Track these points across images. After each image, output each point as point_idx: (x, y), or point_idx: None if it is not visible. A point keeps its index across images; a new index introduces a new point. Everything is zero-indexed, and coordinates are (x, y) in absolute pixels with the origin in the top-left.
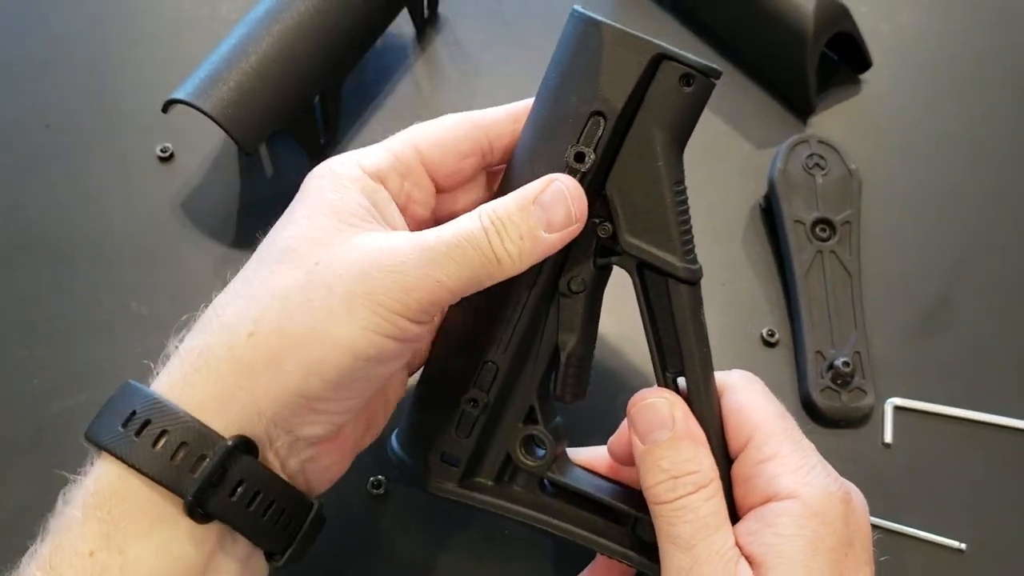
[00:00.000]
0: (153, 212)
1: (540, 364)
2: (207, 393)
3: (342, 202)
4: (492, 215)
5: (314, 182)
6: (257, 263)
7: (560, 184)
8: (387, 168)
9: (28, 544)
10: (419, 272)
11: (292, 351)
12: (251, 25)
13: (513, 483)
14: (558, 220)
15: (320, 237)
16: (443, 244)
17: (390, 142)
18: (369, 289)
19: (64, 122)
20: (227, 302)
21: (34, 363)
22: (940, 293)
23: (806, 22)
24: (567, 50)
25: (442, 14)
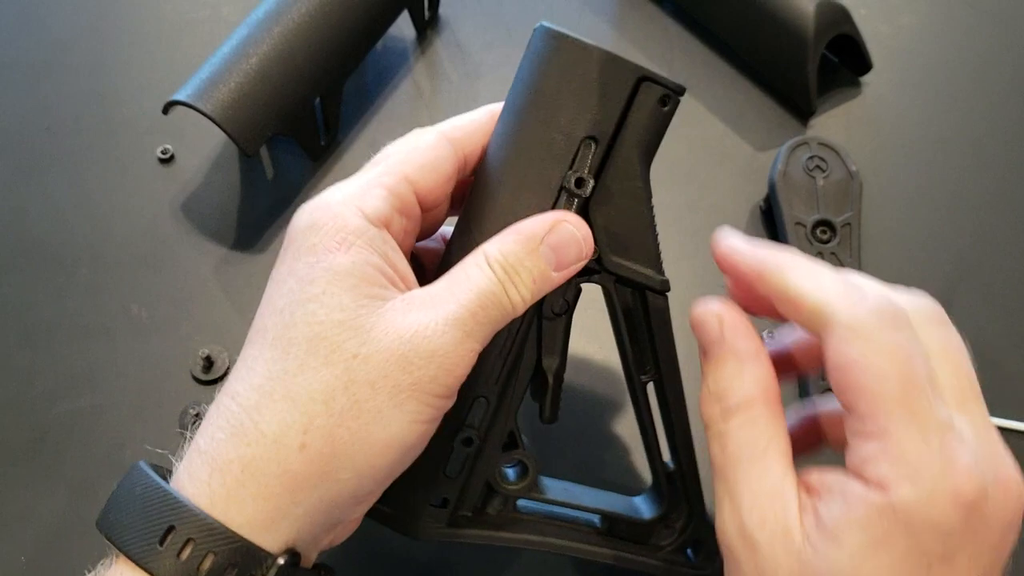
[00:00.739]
0: (153, 214)
1: (519, 391)
2: (257, 510)
3: (358, 269)
4: (504, 263)
5: (311, 233)
6: (277, 349)
7: (570, 226)
8: (389, 211)
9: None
10: (458, 350)
11: (345, 460)
12: (252, 27)
13: (487, 507)
14: (568, 260)
15: (346, 320)
16: (469, 313)
17: (380, 176)
18: (414, 380)
19: (64, 124)
20: (257, 401)
21: (34, 367)
22: (940, 295)
23: (807, 24)
24: (546, 69)
25: (443, 16)
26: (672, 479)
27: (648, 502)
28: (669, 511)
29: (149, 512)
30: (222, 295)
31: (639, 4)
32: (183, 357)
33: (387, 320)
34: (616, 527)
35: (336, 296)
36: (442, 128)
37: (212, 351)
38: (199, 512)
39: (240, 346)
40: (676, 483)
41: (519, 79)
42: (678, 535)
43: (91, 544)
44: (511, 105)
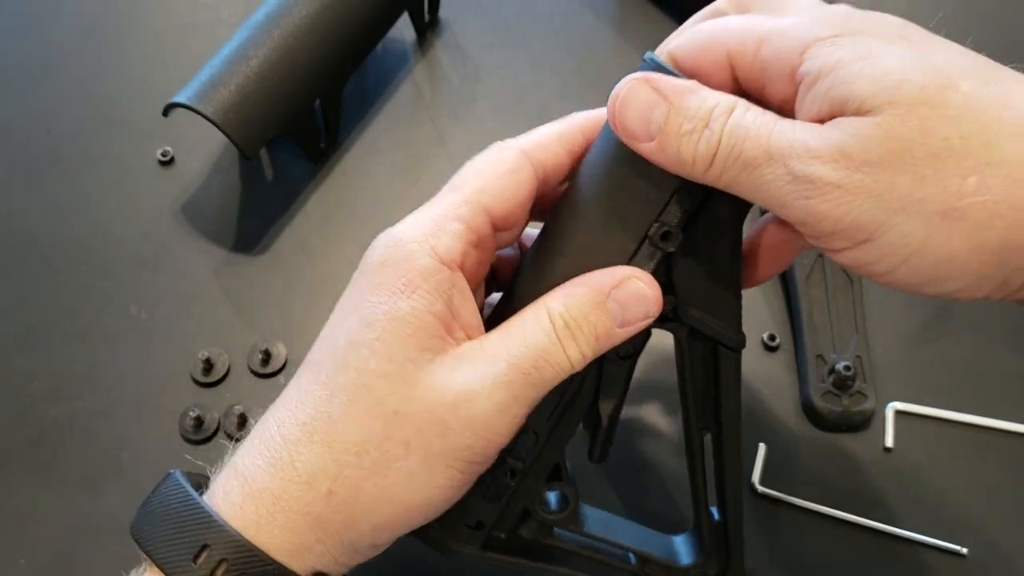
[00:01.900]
0: (153, 216)
1: (572, 427)
2: (285, 540)
3: (418, 319)
4: (566, 317)
5: (382, 271)
6: (327, 389)
7: (640, 283)
8: (463, 247)
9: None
10: (502, 418)
11: (367, 513)
12: (252, 29)
13: (522, 530)
14: (634, 318)
15: (393, 373)
16: (521, 373)
17: (458, 207)
18: (449, 446)
19: (65, 126)
20: (298, 437)
21: (33, 368)
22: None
23: None
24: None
25: (443, 18)
26: (715, 529)
27: (687, 546)
28: (707, 559)
29: (184, 527)
30: (222, 297)
31: (640, 6)
32: (183, 359)
33: (433, 377)
34: (650, 568)
35: (389, 344)
36: (523, 145)
37: (212, 353)
38: (234, 533)
39: (239, 348)
40: (719, 533)
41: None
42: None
43: (91, 546)
44: (607, 138)
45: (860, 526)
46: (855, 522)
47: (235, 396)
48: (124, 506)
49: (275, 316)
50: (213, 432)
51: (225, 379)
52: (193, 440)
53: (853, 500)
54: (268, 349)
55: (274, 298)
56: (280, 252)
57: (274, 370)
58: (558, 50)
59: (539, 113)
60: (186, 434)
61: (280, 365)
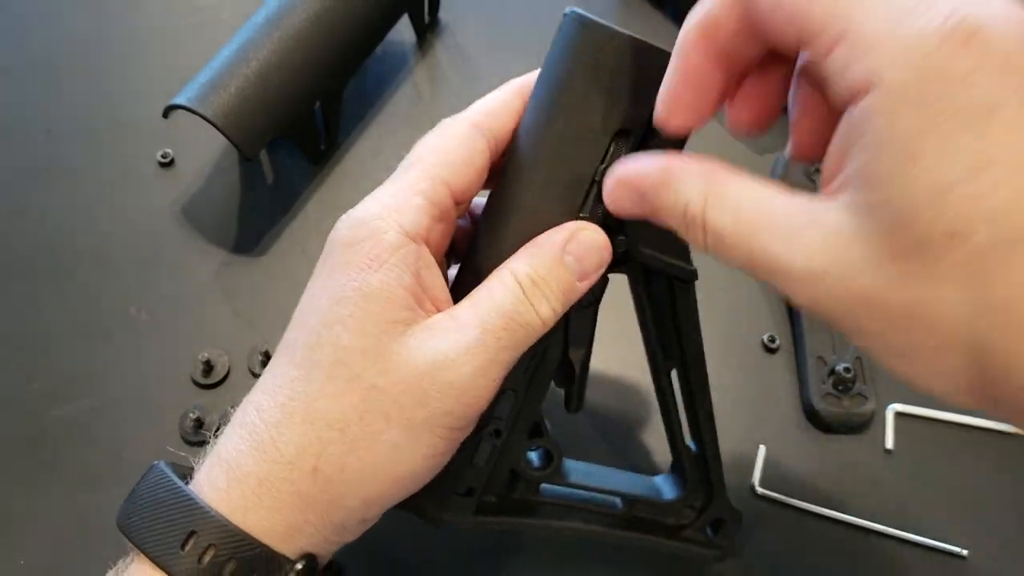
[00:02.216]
0: (153, 218)
1: (545, 381)
2: (273, 522)
3: (388, 291)
4: (533, 276)
5: (349, 250)
6: (302, 369)
7: (590, 233)
8: (428, 222)
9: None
10: (479, 381)
11: (353, 488)
12: (252, 31)
13: (513, 492)
14: (591, 268)
15: (368, 347)
16: (493, 337)
17: (417, 182)
18: (429, 413)
19: (65, 128)
20: (279, 419)
21: (33, 368)
22: None
23: None
24: (576, 58)
25: (443, 20)
26: (694, 461)
27: (669, 483)
28: (690, 492)
29: (171, 516)
30: (222, 299)
31: (640, 8)
32: (183, 360)
33: (408, 348)
34: (637, 509)
35: (361, 320)
36: (471, 117)
37: (212, 355)
38: (220, 518)
39: (239, 350)
40: (698, 465)
41: (547, 69)
42: (698, 516)
43: (91, 547)
44: (539, 96)
45: (860, 528)
46: (855, 524)
47: (235, 397)
48: None
49: (275, 317)
50: (213, 433)
51: (225, 380)
52: (193, 441)
53: (853, 502)
54: (268, 351)
55: (274, 299)
56: (280, 254)
57: None
58: None
59: None
60: (186, 435)
61: None
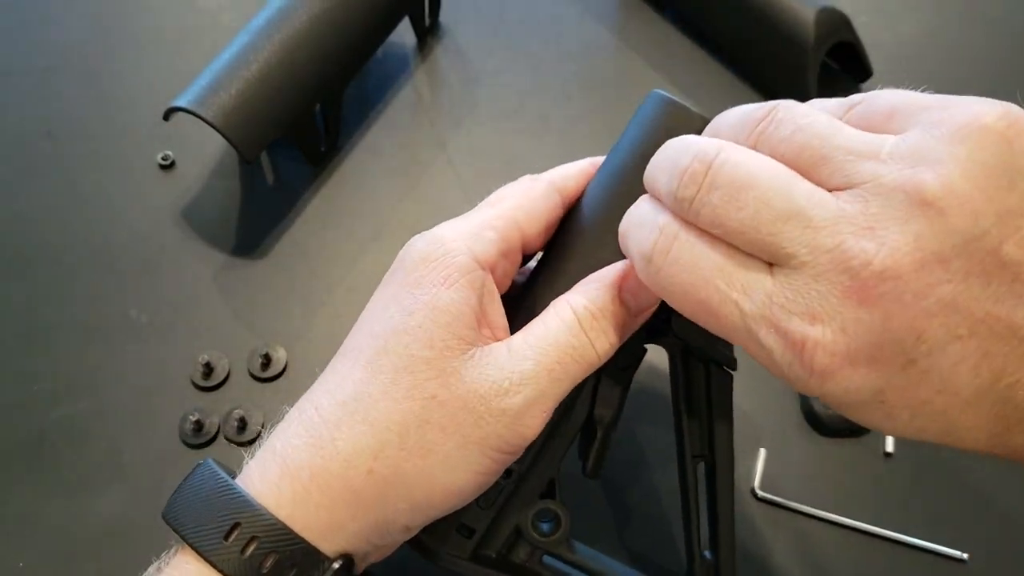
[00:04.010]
0: (154, 220)
1: (568, 438)
2: (319, 518)
3: (457, 308)
4: (592, 310)
5: (423, 265)
6: (367, 372)
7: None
8: (496, 255)
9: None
10: (530, 412)
11: (405, 492)
12: (253, 33)
13: (514, 554)
14: (646, 305)
15: (433, 360)
16: (545, 370)
17: (494, 219)
18: (484, 435)
19: (65, 130)
20: (339, 418)
21: (33, 370)
22: None
23: (807, 31)
24: (651, 131)
25: (443, 23)
26: (707, 572)
27: None
28: None
29: (216, 508)
30: (222, 301)
31: (640, 11)
32: (183, 363)
33: (467, 369)
34: None
35: (430, 331)
36: (551, 177)
37: (212, 357)
38: (264, 512)
39: (239, 352)
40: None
41: (624, 139)
42: None
43: (90, 549)
44: (611, 163)
45: (860, 531)
46: (855, 527)
47: (235, 400)
48: (124, 509)
49: (275, 320)
50: (213, 436)
51: (225, 383)
52: (193, 444)
53: (853, 505)
54: (268, 353)
55: (274, 302)
56: (280, 256)
57: (274, 374)
58: (559, 55)
59: (539, 118)
60: (186, 438)
61: (280, 369)
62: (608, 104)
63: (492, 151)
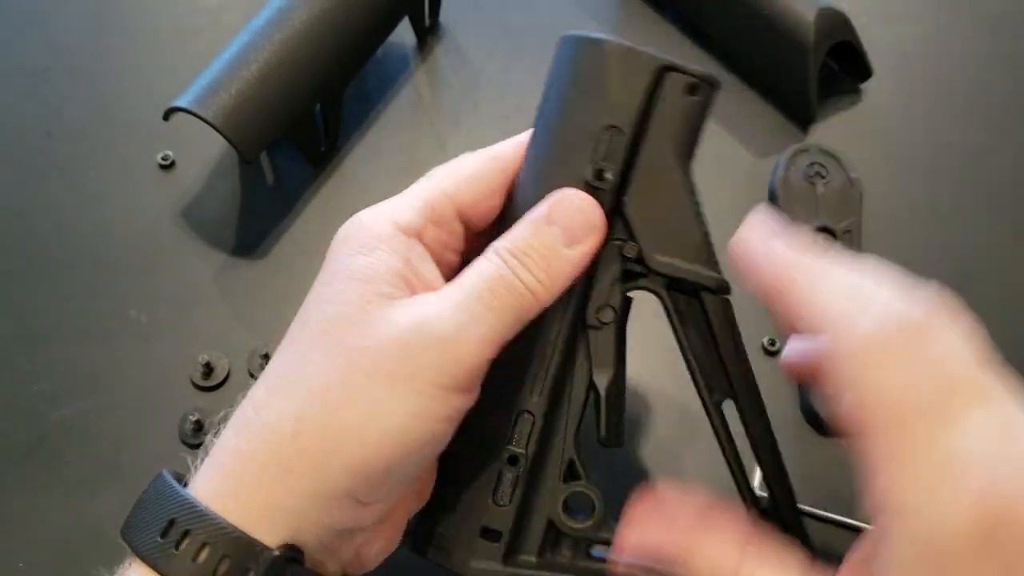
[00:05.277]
0: (154, 220)
1: (575, 411)
2: (252, 501)
3: (372, 268)
4: (510, 247)
5: (343, 244)
6: (291, 349)
7: (572, 199)
8: (421, 221)
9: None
10: (463, 335)
11: (337, 454)
12: (253, 33)
13: (558, 553)
14: (577, 231)
15: (351, 315)
16: (475, 299)
17: (419, 190)
18: (414, 369)
19: (65, 130)
20: (265, 398)
21: (33, 370)
22: None
23: (807, 32)
24: (566, 73)
25: (443, 23)
26: (767, 513)
27: None
28: None
29: (156, 509)
30: (222, 301)
31: (640, 11)
32: (183, 363)
33: (392, 312)
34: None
35: (345, 293)
36: (485, 149)
37: (212, 357)
38: (196, 504)
39: (239, 352)
40: (772, 519)
41: (545, 90)
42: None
43: (90, 549)
44: (539, 116)
45: (860, 530)
46: (855, 526)
47: (235, 400)
48: (123, 509)
49: (275, 320)
50: (213, 435)
51: (225, 383)
52: (192, 444)
53: (853, 505)
54: (268, 353)
55: (274, 302)
56: (280, 256)
57: None
58: None
59: None
60: (185, 438)
61: None
62: None
63: None
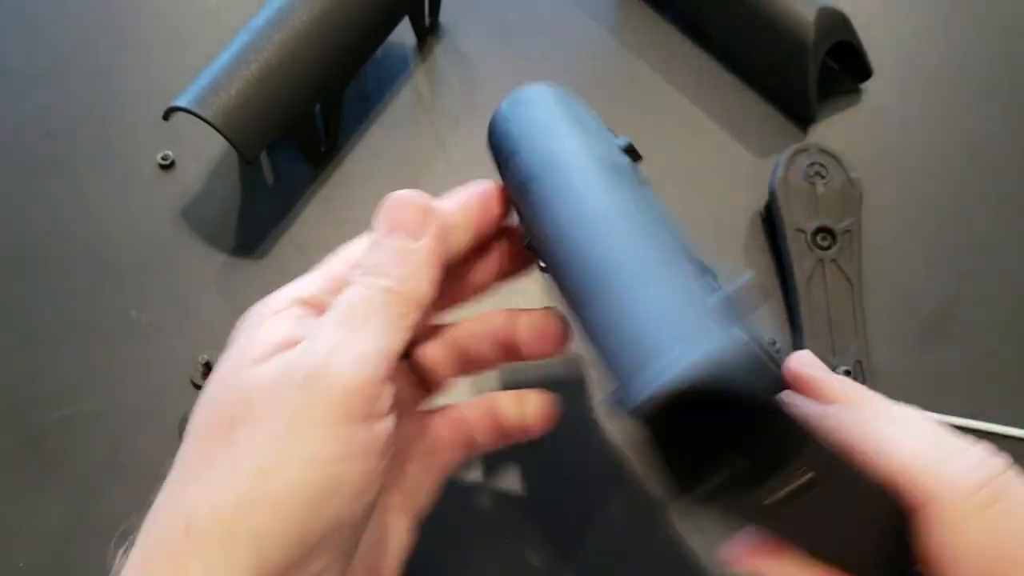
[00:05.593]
0: (153, 220)
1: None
2: None
3: (258, 339)
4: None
5: (243, 323)
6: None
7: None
8: (321, 292)
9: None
10: (333, 362)
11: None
12: (253, 33)
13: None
14: (413, 223)
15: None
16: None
17: (325, 266)
18: (296, 407)
19: (65, 130)
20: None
21: (33, 371)
22: (941, 302)
23: (807, 31)
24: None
25: (443, 23)
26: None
27: None
28: None
29: None
30: (222, 301)
31: (639, 11)
32: (183, 363)
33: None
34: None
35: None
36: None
37: (212, 357)
38: None
39: None
40: None
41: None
42: None
43: (89, 550)
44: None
45: None
46: None
47: None
48: (123, 510)
49: None
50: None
51: None
52: None
53: None
54: None
55: None
56: (280, 256)
57: None
58: (558, 56)
59: None
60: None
61: None
62: (608, 104)
63: None
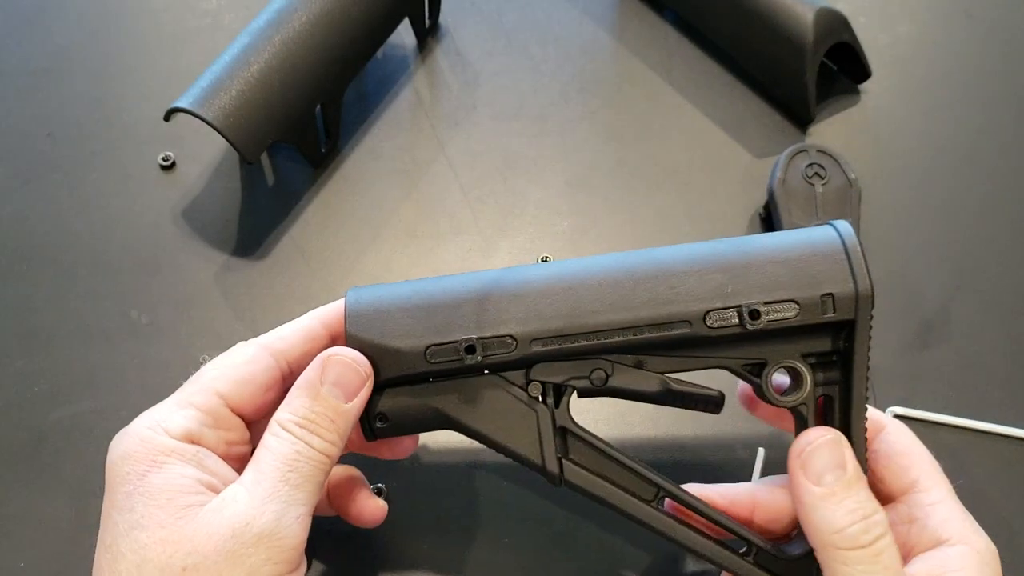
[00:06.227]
0: (154, 221)
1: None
2: None
3: (171, 484)
4: (296, 420)
5: (125, 463)
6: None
7: (338, 356)
8: (197, 427)
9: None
10: (282, 523)
11: None
12: (253, 35)
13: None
14: (354, 388)
15: (168, 537)
16: (280, 483)
17: (189, 394)
18: (248, 570)
19: (66, 131)
20: None
21: (34, 371)
22: (939, 302)
23: (805, 32)
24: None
25: (443, 24)
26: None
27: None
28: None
29: None
30: (222, 301)
31: (639, 12)
32: (183, 363)
33: (207, 523)
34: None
35: (155, 516)
36: (263, 341)
37: (212, 357)
38: None
39: None
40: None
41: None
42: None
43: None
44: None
45: None
46: None
47: None
48: None
49: (275, 320)
50: None
51: None
52: None
53: None
54: None
55: (274, 302)
56: (280, 256)
57: None
58: (557, 56)
59: (538, 119)
60: None
61: None
62: (607, 104)
63: (491, 152)
